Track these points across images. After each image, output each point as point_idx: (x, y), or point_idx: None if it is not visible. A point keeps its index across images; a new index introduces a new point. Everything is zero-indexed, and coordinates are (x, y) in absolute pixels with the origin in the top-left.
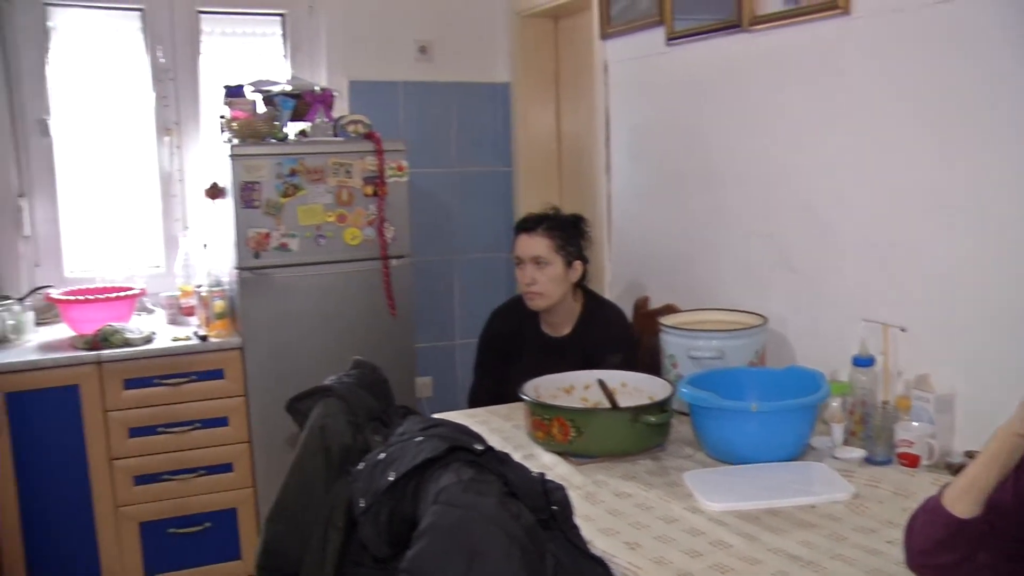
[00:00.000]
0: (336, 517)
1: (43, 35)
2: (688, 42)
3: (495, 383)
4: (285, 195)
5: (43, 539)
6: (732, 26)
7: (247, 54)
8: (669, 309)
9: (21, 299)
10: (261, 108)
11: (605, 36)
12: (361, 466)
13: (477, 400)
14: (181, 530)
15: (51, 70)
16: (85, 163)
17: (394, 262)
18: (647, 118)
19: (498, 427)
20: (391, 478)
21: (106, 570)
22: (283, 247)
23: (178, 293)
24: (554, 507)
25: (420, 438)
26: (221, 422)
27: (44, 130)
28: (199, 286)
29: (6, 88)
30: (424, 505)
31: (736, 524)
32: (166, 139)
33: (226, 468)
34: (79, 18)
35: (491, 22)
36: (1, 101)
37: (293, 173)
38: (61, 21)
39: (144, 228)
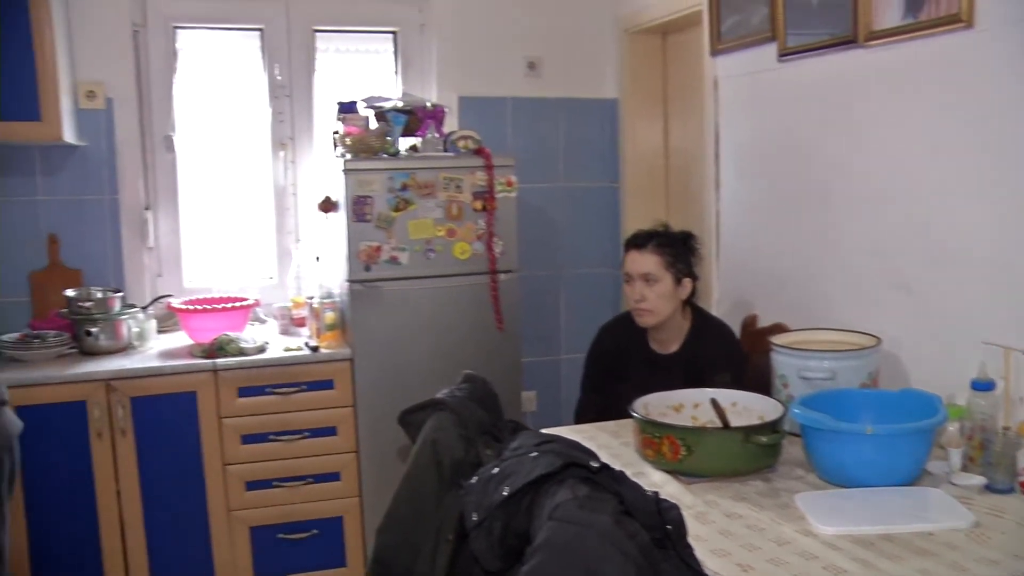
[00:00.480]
0: (447, 529)
1: (172, 56)
2: (801, 58)
3: (602, 399)
4: (396, 209)
5: (162, 538)
6: (847, 42)
7: (359, 71)
8: (778, 328)
9: (144, 307)
10: (373, 124)
11: (715, 52)
12: (474, 480)
13: (583, 416)
14: (290, 536)
15: (177, 89)
16: (205, 177)
17: (502, 276)
18: (757, 134)
19: (606, 443)
20: (505, 493)
21: (219, 571)
22: (393, 260)
23: (290, 304)
24: (668, 526)
25: (535, 453)
26: (330, 432)
27: (169, 146)
28: (311, 298)
29: (138, 107)
30: (538, 521)
31: (850, 549)
32: (281, 154)
33: (334, 477)
34: (203, 39)
35: (599, 38)
36: (134, 119)
37: (404, 188)
38: (187, 42)
39: (258, 240)
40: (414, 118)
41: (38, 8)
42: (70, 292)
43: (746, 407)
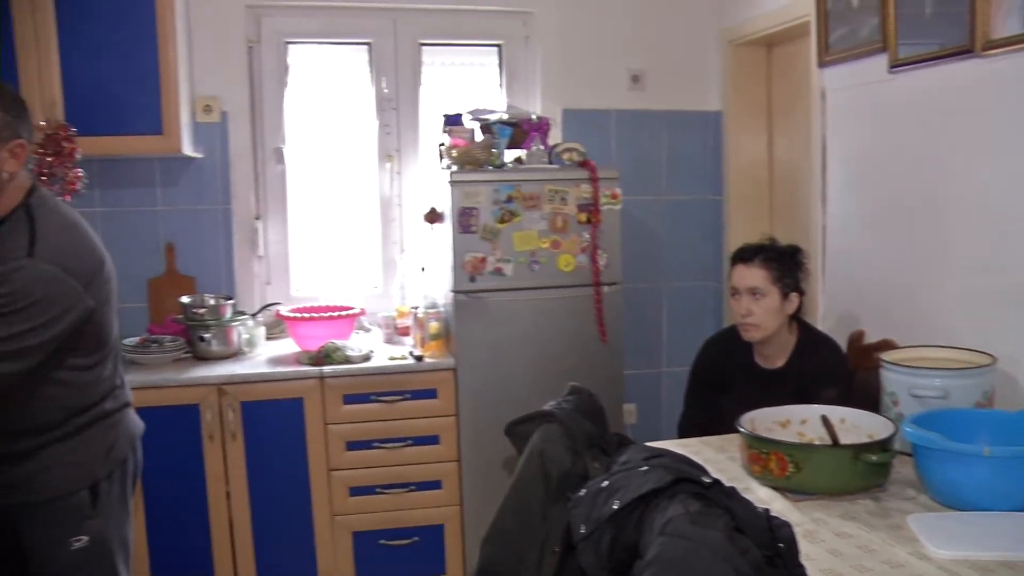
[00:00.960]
0: (553, 541)
1: (283, 71)
2: (913, 69)
3: (705, 413)
4: (501, 221)
5: (268, 539)
6: (963, 51)
7: (465, 84)
8: (887, 344)
9: (254, 315)
10: (479, 136)
11: (823, 64)
12: (582, 492)
13: (687, 430)
14: (391, 542)
15: (288, 102)
16: (313, 188)
17: (606, 289)
18: (867, 147)
19: (711, 458)
20: (615, 506)
21: (322, 574)
22: (498, 272)
23: (395, 314)
24: (780, 544)
25: (645, 467)
26: (432, 440)
27: (279, 158)
28: (415, 307)
29: (251, 120)
30: (648, 535)
31: (968, 575)
32: (387, 165)
33: (435, 485)
34: (313, 54)
35: (703, 51)
36: (247, 132)
37: (510, 199)
38: (298, 57)
39: (364, 250)
40: (519, 130)
41: (164, 27)
42: (185, 299)
43: (855, 424)
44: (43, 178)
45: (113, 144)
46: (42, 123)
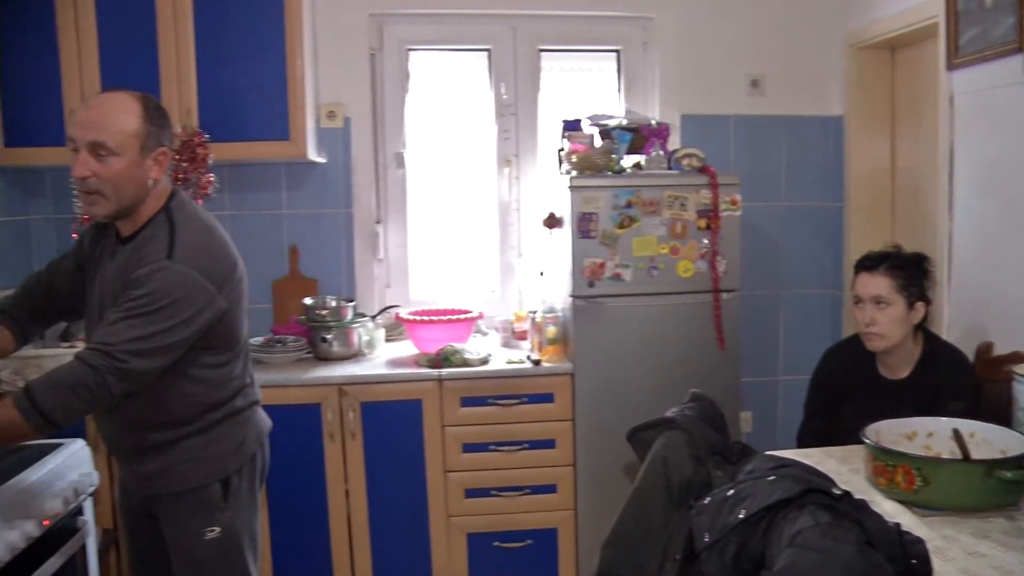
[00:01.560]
0: (674, 548)
1: (404, 77)
2: None
3: (826, 423)
4: (621, 226)
5: (384, 537)
6: None
7: (583, 89)
8: (1017, 357)
9: (374, 317)
10: (598, 141)
11: (952, 67)
12: (706, 500)
13: (806, 439)
14: (505, 544)
15: (408, 108)
16: (433, 192)
17: (724, 295)
18: (999, 152)
19: (833, 469)
20: (741, 515)
21: (437, 574)
22: (616, 277)
23: (512, 318)
24: (913, 561)
25: (772, 477)
26: (548, 444)
27: (400, 162)
28: (533, 312)
29: (372, 125)
30: (776, 546)
31: None
32: (506, 170)
33: (550, 489)
34: (434, 60)
35: (824, 55)
36: (368, 137)
37: (629, 205)
38: (419, 63)
39: (482, 254)
40: (639, 136)
41: (291, 37)
42: (308, 300)
43: (985, 439)
44: (178, 183)
45: (242, 150)
46: (178, 130)
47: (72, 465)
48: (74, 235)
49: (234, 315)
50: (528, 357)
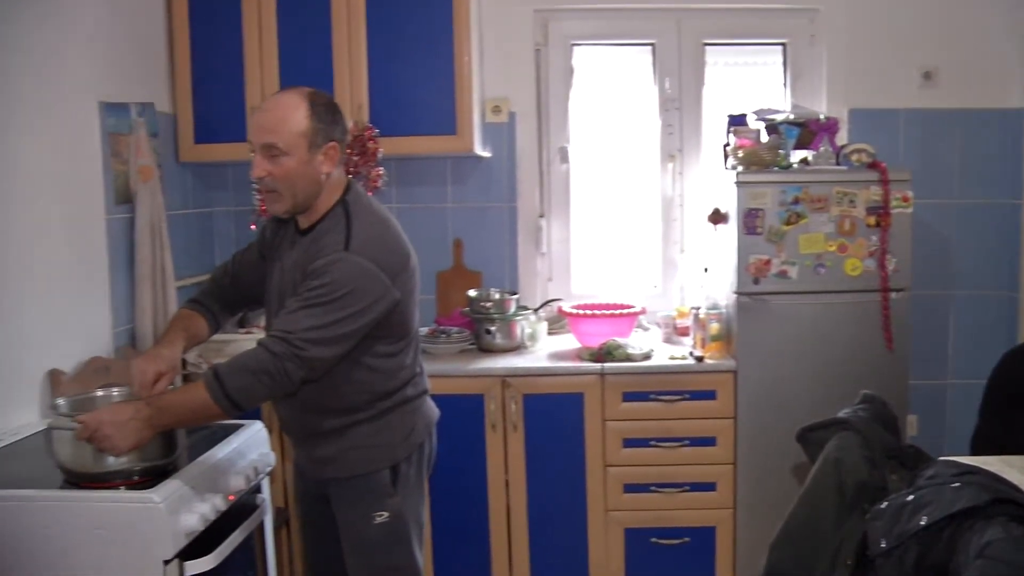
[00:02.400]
0: (846, 552)
1: (569, 72)
2: None
3: (1003, 429)
4: (787, 223)
5: (542, 529)
6: None
7: (747, 84)
8: None
9: (536, 310)
10: (765, 137)
11: None
12: (883, 505)
13: (980, 446)
14: (662, 541)
15: (572, 103)
16: (596, 187)
17: (893, 295)
18: None
19: (1018, 480)
20: (923, 522)
21: (593, 568)
22: (782, 274)
23: (674, 313)
24: None
25: (956, 484)
26: (709, 442)
27: (564, 157)
28: (696, 308)
29: (537, 120)
30: (962, 556)
31: None
32: (669, 165)
33: (710, 487)
34: (597, 55)
35: (1003, 45)
36: (533, 132)
37: (796, 201)
38: (582, 58)
39: (644, 249)
40: (806, 131)
41: (459, 34)
42: (472, 292)
43: None
44: (349, 176)
45: (410, 144)
46: (350, 125)
47: (252, 445)
48: (252, 226)
49: (407, 305)
50: (691, 353)
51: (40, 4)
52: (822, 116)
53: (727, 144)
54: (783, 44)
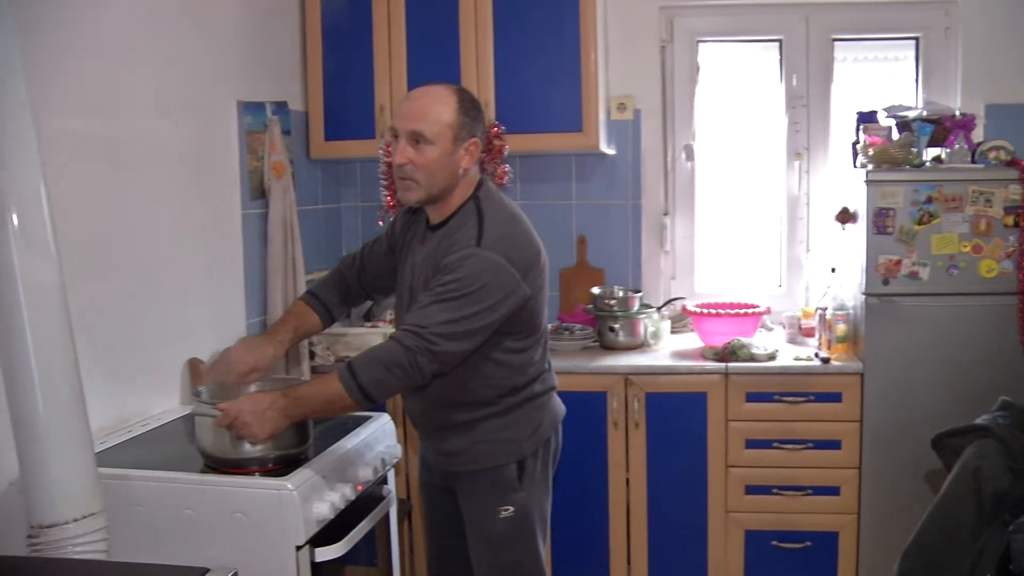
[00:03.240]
0: (985, 565)
1: (694, 69)
2: None
3: None
4: (919, 223)
5: (661, 528)
6: None
7: (877, 80)
8: None
9: (659, 308)
10: (896, 134)
11: None
12: None
13: None
14: (783, 544)
15: (698, 100)
16: (720, 185)
17: None
18: None
19: None
20: None
21: (712, 569)
22: (913, 275)
23: (799, 314)
24: None
25: None
26: (834, 445)
27: (689, 154)
28: (822, 308)
29: (662, 117)
30: None
31: None
32: (795, 164)
33: (833, 491)
34: (724, 52)
35: None
36: (658, 129)
37: (929, 200)
38: (708, 55)
39: (768, 249)
40: (940, 128)
41: (585, 31)
42: (596, 290)
43: None
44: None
45: (535, 141)
46: None
47: (380, 437)
48: (380, 222)
49: (537, 302)
50: (816, 354)
51: (187, 10)
52: (957, 112)
53: (856, 142)
54: (916, 38)
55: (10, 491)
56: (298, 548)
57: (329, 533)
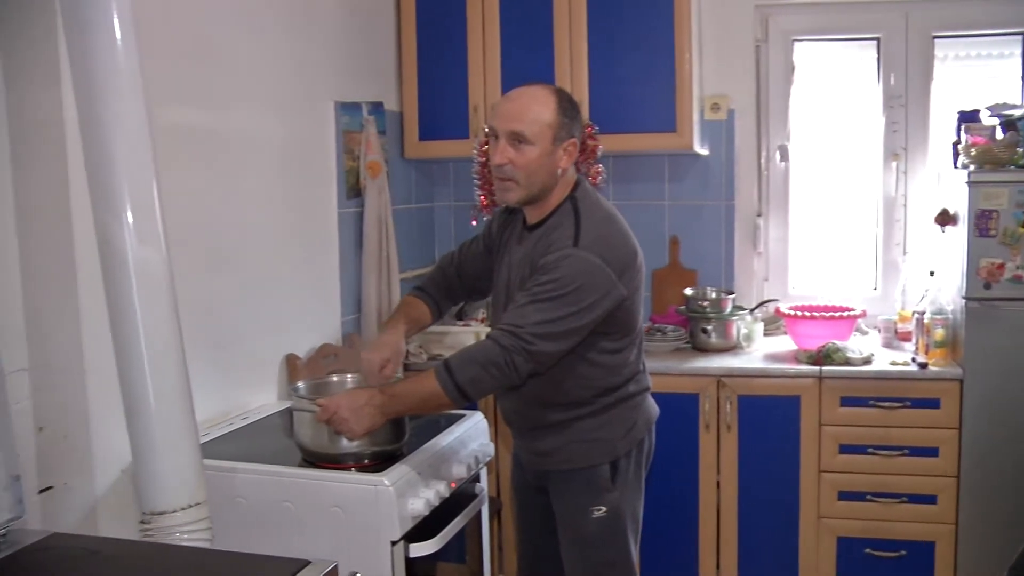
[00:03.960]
0: None
1: (789, 69)
2: None
3: None
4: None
5: (752, 532)
6: None
7: (979, 78)
8: None
9: (752, 310)
10: (1000, 134)
11: None
12: None
13: None
14: (877, 552)
15: (793, 100)
16: (815, 186)
17: None
18: None
19: None
20: None
21: (803, 574)
22: (1017, 279)
23: (895, 317)
24: None
25: None
26: (931, 452)
27: (784, 155)
28: (919, 312)
29: (756, 117)
30: None
31: None
32: (892, 164)
33: (930, 500)
34: (819, 51)
35: None
36: (752, 129)
37: None
38: (803, 54)
39: (863, 251)
40: None
41: (680, 30)
42: (688, 291)
43: None
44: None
45: (629, 141)
46: None
47: (473, 435)
48: (473, 221)
49: (633, 302)
50: (913, 359)
51: (288, 13)
52: None
53: (957, 142)
54: (1022, 33)
55: (122, 478)
56: (393, 543)
57: (422, 529)
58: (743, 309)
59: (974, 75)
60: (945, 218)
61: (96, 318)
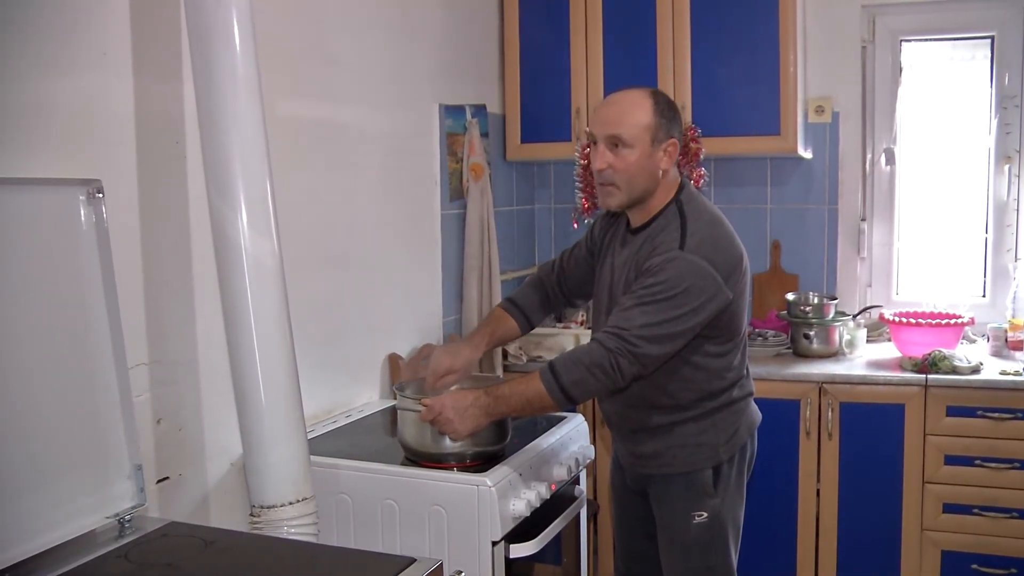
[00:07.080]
0: None
1: (896, 70)
2: None
3: None
4: None
5: (852, 542)
6: None
7: None
8: None
9: (855, 316)
10: None
11: None
12: None
13: None
14: (983, 568)
15: (900, 102)
16: (921, 190)
17: None
18: None
19: None
20: None
21: None
22: None
23: (1005, 325)
24: None
25: None
26: None
27: (889, 158)
28: None
29: (861, 120)
30: None
31: None
32: (1005, 168)
33: None
34: (928, 51)
35: None
36: (857, 132)
37: None
38: (912, 55)
39: (971, 257)
40: None
41: (785, 32)
42: (790, 296)
43: None
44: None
45: (732, 144)
46: None
47: (574, 438)
48: (574, 224)
49: (738, 306)
50: None
51: (396, 16)
52: None
53: None
54: None
55: (231, 471)
56: (494, 543)
57: (521, 530)
58: (846, 315)
59: None
60: None
61: (210, 316)
